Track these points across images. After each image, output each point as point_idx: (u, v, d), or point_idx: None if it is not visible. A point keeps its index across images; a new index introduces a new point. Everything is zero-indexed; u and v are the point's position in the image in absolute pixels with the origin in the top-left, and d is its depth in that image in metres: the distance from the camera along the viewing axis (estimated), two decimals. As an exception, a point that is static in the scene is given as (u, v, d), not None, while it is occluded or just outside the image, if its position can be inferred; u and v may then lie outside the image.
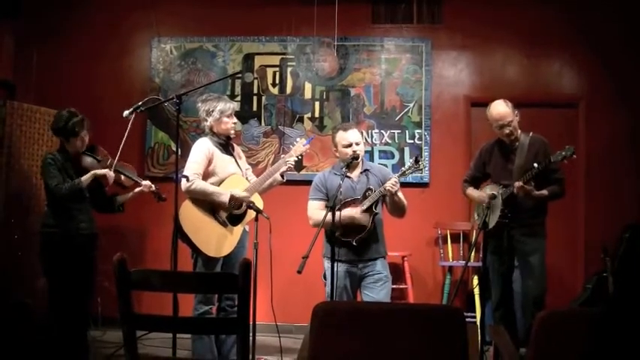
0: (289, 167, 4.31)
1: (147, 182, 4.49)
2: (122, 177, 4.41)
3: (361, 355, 2.28)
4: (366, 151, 4.81)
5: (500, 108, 4.43)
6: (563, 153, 4.11)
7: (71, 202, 4.25)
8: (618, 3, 5.91)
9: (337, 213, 3.84)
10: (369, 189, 4.10)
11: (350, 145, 4.19)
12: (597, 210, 5.85)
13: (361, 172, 4.26)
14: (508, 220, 4.28)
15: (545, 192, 4.30)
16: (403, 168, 4.15)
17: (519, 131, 4.48)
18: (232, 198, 4.12)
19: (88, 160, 4.36)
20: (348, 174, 4.20)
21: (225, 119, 4.26)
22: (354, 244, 4.07)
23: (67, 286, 4.23)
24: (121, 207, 4.55)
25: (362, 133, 4.46)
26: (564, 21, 6.00)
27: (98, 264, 4.43)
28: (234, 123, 4.33)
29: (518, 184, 4.20)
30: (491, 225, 4.24)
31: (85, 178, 4.22)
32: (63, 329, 4.21)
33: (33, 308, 4.60)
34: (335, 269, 3.78)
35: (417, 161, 4.05)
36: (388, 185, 3.97)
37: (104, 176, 4.27)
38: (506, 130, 4.41)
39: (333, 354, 2.28)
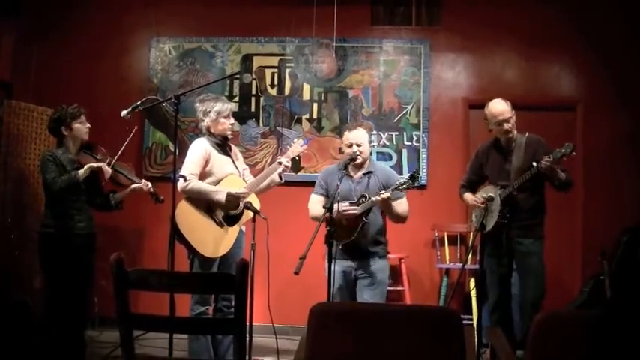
0: (286, 167, 4.30)
1: (145, 181, 4.49)
2: (120, 176, 4.41)
3: (358, 357, 2.27)
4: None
5: (498, 105, 4.45)
6: (563, 150, 4.08)
7: (68, 196, 4.25)
8: (618, 4, 5.91)
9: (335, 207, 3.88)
10: (364, 196, 4.10)
11: (351, 146, 4.22)
12: (595, 212, 5.85)
13: (364, 174, 4.27)
14: (507, 220, 4.28)
15: (563, 175, 4.27)
16: (398, 182, 4.06)
17: (515, 131, 4.48)
18: (229, 196, 4.12)
19: (87, 158, 4.36)
20: (352, 173, 4.27)
21: (222, 120, 4.26)
22: (340, 247, 4.06)
23: (65, 286, 4.23)
24: (119, 204, 4.53)
25: (370, 134, 4.42)
26: (563, 23, 6.00)
27: (96, 263, 4.43)
28: (232, 124, 4.33)
29: (545, 162, 4.09)
30: (490, 227, 4.25)
31: (82, 171, 4.22)
32: (60, 328, 4.21)
33: (32, 307, 4.60)
34: (333, 269, 3.78)
35: (413, 178, 3.95)
36: (377, 199, 3.97)
37: (101, 170, 4.27)
38: (506, 127, 4.40)
39: (330, 355, 2.28)
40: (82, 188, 4.33)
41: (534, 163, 4.16)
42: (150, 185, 4.46)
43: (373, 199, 4.00)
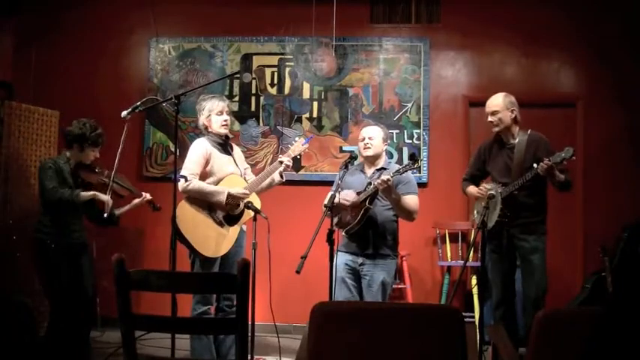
0: (287, 166, 4.31)
1: (144, 194, 4.52)
2: (120, 188, 4.42)
3: (360, 355, 2.27)
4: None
5: (491, 98, 4.51)
6: (563, 154, 4.07)
7: (62, 210, 4.25)
8: (617, 3, 5.91)
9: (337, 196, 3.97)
10: (370, 182, 4.14)
11: (363, 140, 4.33)
12: (596, 209, 5.85)
13: (377, 170, 4.30)
14: (508, 219, 4.27)
15: (562, 177, 4.26)
16: (399, 166, 4.17)
17: (517, 129, 4.48)
18: (230, 196, 4.12)
19: (87, 173, 4.37)
20: (365, 169, 4.36)
21: (214, 117, 4.26)
22: (343, 234, 4.10)
23: (63, 292, 4.24)
24: (117, 220, 4.52)
25: (385, 131, 4.45)
26: (563, 20, 6.00)
27: (94, 269, 4.45)
28: (225, 120, 4.31)
29: (544, 164, 4.08)
30: (491, 224, 4.24)
31: (85, 194, 4.22)
32: (64, 332, 4.21)
33: (33, 309, 4.59)
34: (335, 267, 3.79)
35: (412, 159, 4.07)
36: (377, 181, 4.00)
37: (101, 201, 4.25)
38: (490, 118, 4.46)
39: (331, 354, 2.28)
40: (79, 209, 4.33)
41: (535, 165, 4.16)
42: (148, 195, 4.52)
43: (375, 182, 4.04)
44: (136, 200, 4.49)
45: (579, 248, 5.91)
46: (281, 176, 4.38)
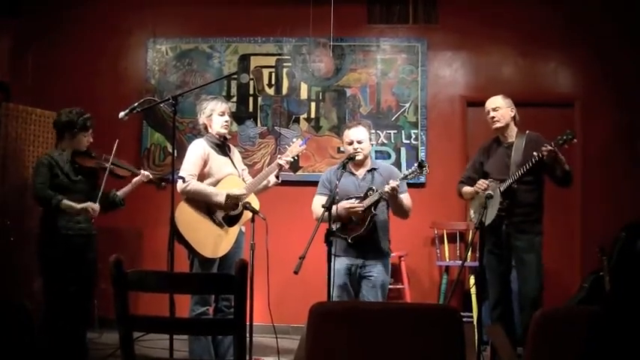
0: (282, 166, 4.30)
1: (144, 172, 4.56)
2: (119, 169, 4.45)
3: (358, 355, 2.27)
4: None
5: (492, 98, 4.55)
6: (564, 137, 4.09)
7: (68, 197, 4.26)
8: (616, 3, 5.92)
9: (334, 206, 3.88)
10: (371, 189, 4.12)
11: (352, 143, 4.25)
12: (594, 209, 5.85)
13: (368, 171, 4.29)
14: (506, 212, 4.27)
15: (567, 167, 4.26)
16: (406, 172, 4.13)
17: (516, 130, 4.49)
18: (228, 197, 4.12)
19: (84, 158, 4.39)
20: (354, 171, 4.29)
21: (216, 117, 4.26)
22: (350, 241, 4.09)
23: (65, 287, 4.23)
24: (122, 201, 4.56)
25: (370, 131, 4.39)
26: (560, 20, 6.01)
27: (97, 265, 4.44)
28: (227, 121, 4.31)
29: (546, 149, 4.09)
30: (490, 221, 4.23)
31: (65, 203, 4.20)
32: (61, 331, 4.20)
33: (31, 310, 4.59)
34: (333, 267, 3.79)
35: (420, 166, 4.04)
36: (386, 188, 3.98)
37: (85, 210, 4.25)
38: (492, 114, 4.48)
39: (330, 354, 2.28)
40: (82, 188, 4.35)
41: (535, 153, 4.16)
42: (149, 174, 4.56)
43: (382, 189, 4.02)
44: (136, 179, 4.53)
45: (578, 248, 5.91)
46: (277, 177, 4.38)
